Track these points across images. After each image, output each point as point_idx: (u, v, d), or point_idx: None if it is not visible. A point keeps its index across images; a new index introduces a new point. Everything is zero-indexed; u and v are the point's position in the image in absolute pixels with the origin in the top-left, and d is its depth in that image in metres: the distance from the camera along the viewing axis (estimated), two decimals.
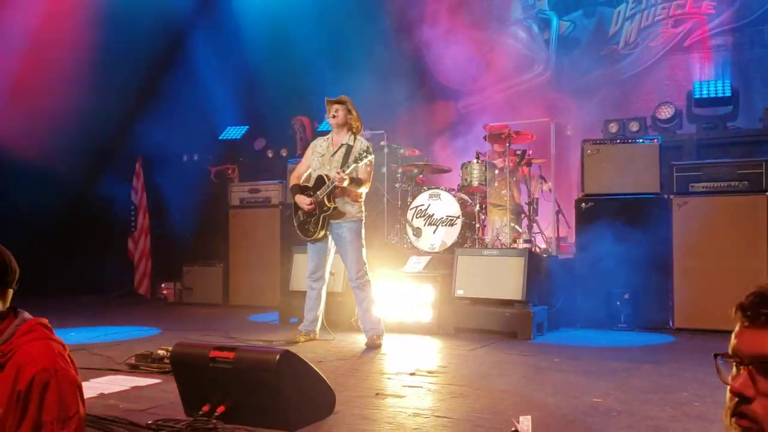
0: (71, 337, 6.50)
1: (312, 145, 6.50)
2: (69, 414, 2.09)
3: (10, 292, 2.22)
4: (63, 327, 6.71)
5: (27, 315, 2.25)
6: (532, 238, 8.01)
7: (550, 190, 8.32)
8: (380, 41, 9.80)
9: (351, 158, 6.05)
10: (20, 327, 2.18)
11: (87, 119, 9.44)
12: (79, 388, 2.19)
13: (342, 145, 6.20)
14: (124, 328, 7.46)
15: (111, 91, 9.85)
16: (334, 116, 6.19)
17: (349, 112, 6.22)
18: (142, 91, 10.08)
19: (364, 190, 6.20)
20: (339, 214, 6.13)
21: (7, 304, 2.21)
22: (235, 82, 10.73)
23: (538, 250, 7.91)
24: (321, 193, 6.09)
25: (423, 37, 10.17)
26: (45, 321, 2.27)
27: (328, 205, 6.08)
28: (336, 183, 5.94)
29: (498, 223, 8.15)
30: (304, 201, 6.19)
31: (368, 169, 6.13)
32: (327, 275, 6.43)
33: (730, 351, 1.45)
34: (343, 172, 5.91)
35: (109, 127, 9.72)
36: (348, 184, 5.98)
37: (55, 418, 2.05)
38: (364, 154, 5.97)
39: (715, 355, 1.47)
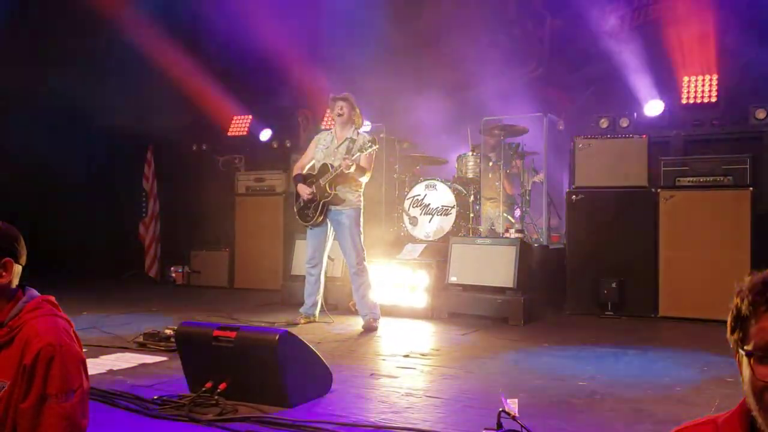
0: (84, 316, 6.65)
1: (316, 138, 6.69)
2: (72, 387, 2.12)
3: (20, 269, 2.24)
4: (76, 307, 6.87)
5: (35, 292, 2.28)
6: (524, 228, 8.14)
7: (541, 182, 8.50)
8: (380, 36, 9.89)
9: (355, 149, 6.26)
10: (28, 304, 2.21)
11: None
12: (83, 363, 2.20)
13: (346, 138, 6.41)
14: (134, 309, 7.57)
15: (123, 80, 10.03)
16: (339, 114, 6.40)
17: (353, 108, 6.43)
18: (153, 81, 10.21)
19: (365, 179, 6.40)
20: (338, 200, 6.32)
21: (16, 282, 2.23)
22: (242, 75, 10.86)
23: (529, 239, 8.05)
24: (323, 180, 6.28)
25: (421, 33, 10.22)
26: (52, 298, 2.29)
27: (329, 191, 6.27)
28: (342, 169, 6.14)
29: (491, 213, 8.31)
30: (305, 191, 6.41)
31: (371, 159, 6.35)
32: (324, 261, 6.61)
33: (761, 344, 1.31)
34: (349, 159, 6.13)
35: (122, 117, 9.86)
36: (353, 171, 6.19)
37: (59, 390, 2.08)
38: (369, 143, 6.19)
39: (748, 355, 1.32)
